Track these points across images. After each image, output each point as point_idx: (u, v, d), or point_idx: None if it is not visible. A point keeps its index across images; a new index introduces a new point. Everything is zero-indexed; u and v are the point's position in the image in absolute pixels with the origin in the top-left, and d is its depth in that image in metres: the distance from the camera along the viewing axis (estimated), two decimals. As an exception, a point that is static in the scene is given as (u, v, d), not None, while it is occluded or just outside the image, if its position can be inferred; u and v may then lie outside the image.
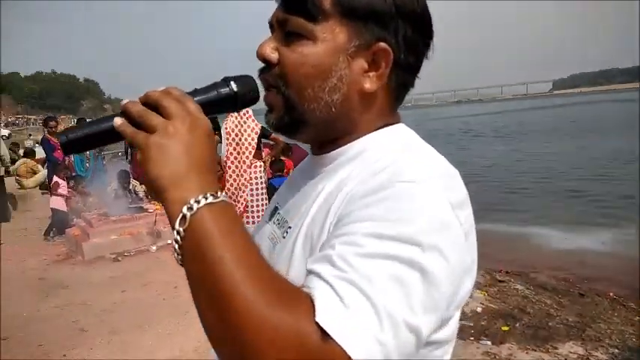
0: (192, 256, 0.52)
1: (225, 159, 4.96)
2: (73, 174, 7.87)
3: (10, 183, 9.89)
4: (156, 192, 0.55)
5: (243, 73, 0.68)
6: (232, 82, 0.65)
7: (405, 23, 0.66)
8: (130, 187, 7.34)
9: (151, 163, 0.55)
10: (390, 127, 0.71)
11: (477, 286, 4.65)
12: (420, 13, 0.67)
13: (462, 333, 3.57)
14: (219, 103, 0.64)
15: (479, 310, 4.08)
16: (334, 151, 0.72)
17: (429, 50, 0.71)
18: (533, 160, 15.16)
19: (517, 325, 3.84)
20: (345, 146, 0.71)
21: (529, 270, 5.51)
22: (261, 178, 5.12)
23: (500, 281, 4.94)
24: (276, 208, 0.80)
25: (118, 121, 0.58)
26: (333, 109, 0.67)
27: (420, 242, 0.53)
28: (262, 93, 0.70)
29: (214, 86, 0.65)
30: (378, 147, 0.69)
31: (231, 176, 5.01)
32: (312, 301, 0.50)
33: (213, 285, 0.50)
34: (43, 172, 10.17)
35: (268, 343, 0.47)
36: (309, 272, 0.54)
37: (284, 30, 0.67)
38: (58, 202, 6.97)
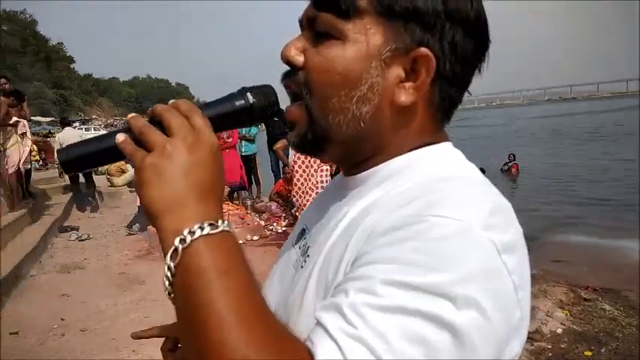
0: (182, 295, 0.47)
1: (292, 163, 4.99)
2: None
3: (101, 181, 10.70)
4: (150, 218, 0.50)
5: None
6: (248, 94, 0.59)
7: (454, 27, 0.56)
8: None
9: (145, 185, 0.50)
10: (431, 146, 0.60)
11: (559, 304, 4.28)
12: (473, 16, 0.57)
13: (539, 356, 3.29)
14: (233, 116, 0.59)
15: (559, 331, 3.75)
16: (363, 173, 0.62)
17: (482, 62, 0.60)
18: (627, 167, 13.76)
19: (602, 350, 3.47)
20: (376, 167, 0.61)
21: (621, 288, 4.99)
22: (327, 182, 5.09)
23: (585, 299, 4.50)
24: (303, 231, 0.71)
25: (120, 137, 0.53)
26: (362, 124, 0.57)
27: (453, 295, 0.44)
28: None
29: (230, 98, 0.59)
30: (413, 170, 0.58)
31: (298, 180, 5.04)
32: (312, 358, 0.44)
33: (201, 331, 0.45)
34: (131, 172, 10.87)
35: None
36: (316, 321, 0.47)
37: (314, 29, 0.58)
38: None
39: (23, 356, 3.47)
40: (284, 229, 6.33)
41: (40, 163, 15.25)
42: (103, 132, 0.69)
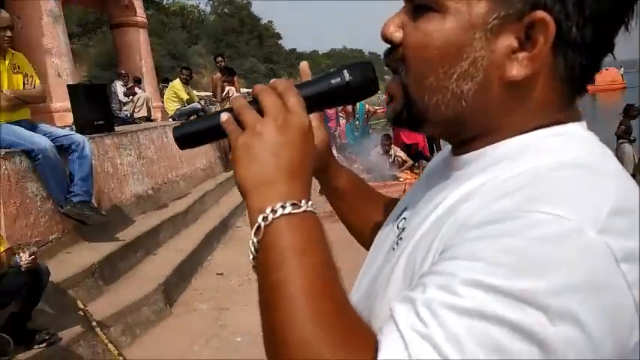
0: (260, 271, 0.48)
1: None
2: (344, 141, 8.78)
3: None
4: (241, 195, 0.52)
5: None
6: (345, 72, 0.58)
7: None
8: (391, 152, 7.73)
9: (236, 163, 0.52)
10: (554, 127, 0.51)
11: None
12: None
13: None
14: (329, 94, 0.59)
15: None
16: (470, 154, 0.55)
17: (630, 17, 0.49)
18: None
19: None
20: (483, 149, 0.54)
21: None
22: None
23: None
24: (404, 209, 0.67)
25: (224, 116, 0.55)
26: (464, 103, 0.51)
27: (546, 304, 0.38)
28: None
29: (327, 76, 0.59)
30: (525, 156, 0.50)
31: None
32: (377, 352, 0.41)
33: (272, 311, 0.45)
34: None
35: None
36: (390, 313, 0.44)
37: (413, 2, 0.54)
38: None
39: (226, 294, 4.12)
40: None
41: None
42: None
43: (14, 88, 3.65)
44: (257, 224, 0.48)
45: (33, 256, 2.57)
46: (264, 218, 0.48)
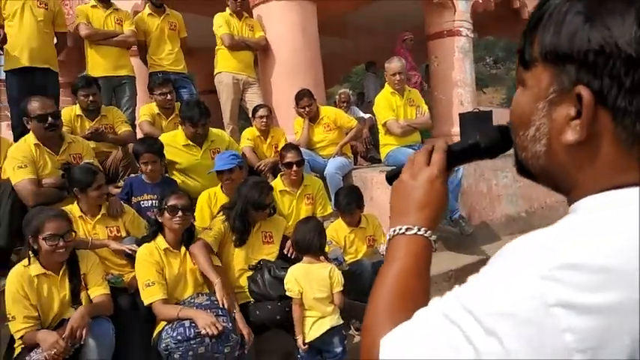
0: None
1: None
2: None
3: None
4: None
5: None
6: (478, 135, 0.75)
7: (607, 59, 0.53)
8: None
9: (391, 196, 0.79)
10: (616, 191, 0.54)
11: None
12: (625, 43, 0.52)
13: None
14: (467, 151, 0.77)
15: None
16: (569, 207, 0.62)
17: None
18: None
19: None
20: (572, 205, 0.60)
21: None
22: None
23: None
24: None
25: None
26: (541, 161, 0.62)
27: (483, 322, 0.49)
28: None
29: (471, 135, 0.76)
30: (577, 213, 0.56)
31: None
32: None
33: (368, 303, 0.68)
34: None
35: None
36: None
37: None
38: None
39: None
40: None
41: None
42: None
43: (407, 118, 4.59)
44: (387, 237, 0.75)
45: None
46: (389, 235, 0.74)
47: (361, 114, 6.59)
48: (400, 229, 0.71)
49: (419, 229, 0.71)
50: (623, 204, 0.52)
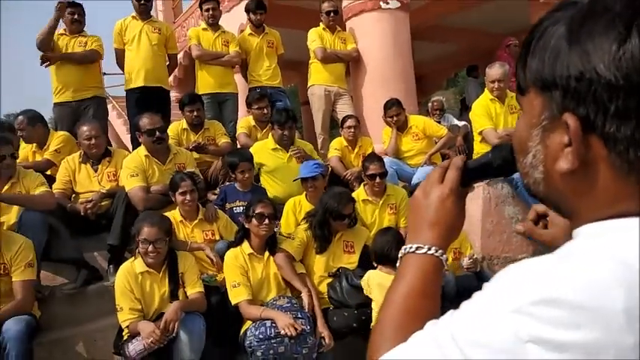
0: None
1: None
2: None
3: None
4: None
5: None
6: (490, 153, 0.76)
7: (588, 86, 0.51)
8: None
9: (409, 214, 0.82)
10: (617, 220, 0.52)
11: None
12: (604, 70, 0.50)
13: None
14: (480, 169, 0.78)
15: None
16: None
17: None
18: None
19: None
20: (574, 230, 0.58)
21: None
22: None
23: None
24: None
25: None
26: (541, 187, 0.60)
27: (463, 350, 0.51)
28: None
29: (486, 154, 0.77)
30: (573, 244, 0.54)
31: None
32: None
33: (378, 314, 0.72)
34: None
35: None
36: None
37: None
38: None
39: None
40: None
41: None
42: None
43: (507, 127, 4.37)
44: (400, 255, 0.74)
45: (473, 259, 3.20)
46: (401, 252, 0.74)
47: (455, 121, 6.37)
48: (411, 248, 0.72)
49: (429, 249, 0.71)
50: (615, 233, 0.51)
